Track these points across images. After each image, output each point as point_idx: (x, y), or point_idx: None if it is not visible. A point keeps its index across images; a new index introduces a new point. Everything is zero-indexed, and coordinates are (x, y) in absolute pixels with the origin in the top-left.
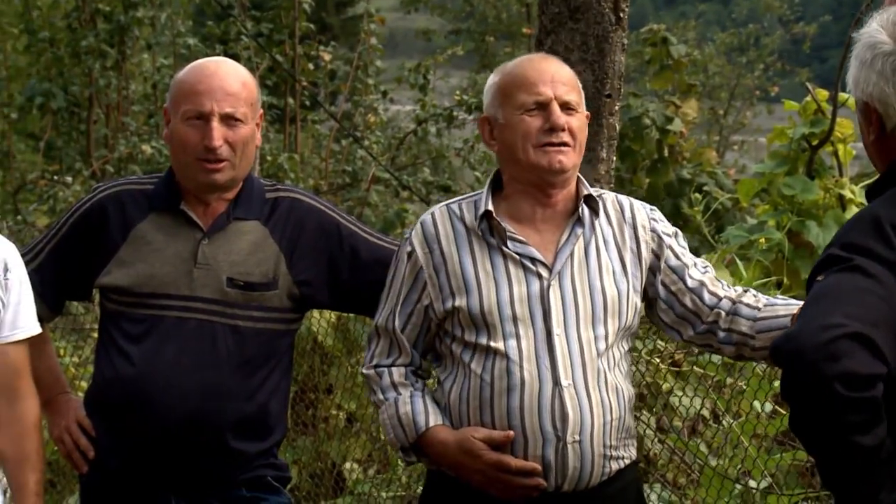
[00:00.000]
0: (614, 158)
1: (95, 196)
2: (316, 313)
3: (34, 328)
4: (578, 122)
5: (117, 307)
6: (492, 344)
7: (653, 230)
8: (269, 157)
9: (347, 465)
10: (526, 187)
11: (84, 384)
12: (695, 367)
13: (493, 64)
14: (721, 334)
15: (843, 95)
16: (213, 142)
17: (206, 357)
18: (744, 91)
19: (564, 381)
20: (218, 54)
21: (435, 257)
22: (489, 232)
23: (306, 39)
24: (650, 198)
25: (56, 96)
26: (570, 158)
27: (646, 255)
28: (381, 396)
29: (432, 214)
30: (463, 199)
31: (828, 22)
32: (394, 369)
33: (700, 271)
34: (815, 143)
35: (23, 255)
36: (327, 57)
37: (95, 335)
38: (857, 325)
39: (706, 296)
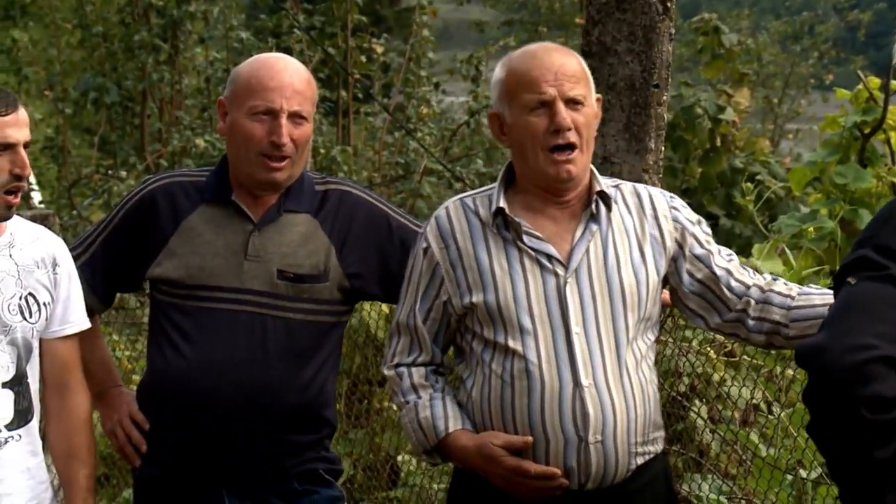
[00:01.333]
0: (662, 148)
1: (146, 188)
2: (368, 305)
3: (84, 323)
4: (585, 117)
5: (168, 299)
6: (510, 344)
7: (674, 219)
8: (321, 150)
9: (401, 457)
10: (537, 187)
11: (138, 378)
12: (746, 357)
13: None
14: (751, 323)
15: (895, 83)
16: (281, 139)
17: (256, 350)
18: (798, 79)
19: (585, 382)
20: (270, 48)
21: (451, 252)
22: (504, 226)
23: (359, 32)
24: (702, 187)
25: (110, 91)
26: (578, 164)
27: (669, 243)
28: (401, 399)
29: (446, 209)
30: (476, 193)
31: (883, 9)
32: (414, 370)
33: (725, 259)
34: (867, 131)
35: (74, 248)
36: (380, 49)
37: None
38: (889, 348)
39: (733, 283)
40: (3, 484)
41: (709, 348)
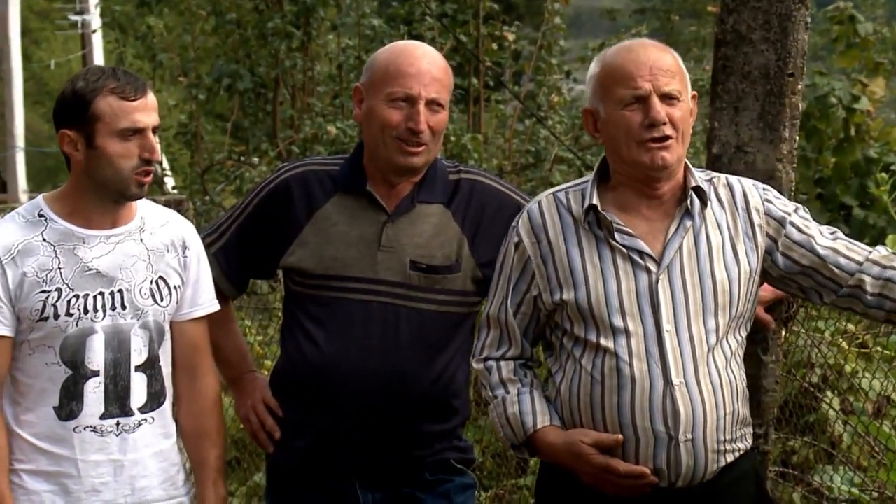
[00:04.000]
0: (797, 138)
1: (280, 176)
2: None
3: (213, 305)
4: (681, 112)
5: (302, 289)
6: (601, 342)
7: (767, 212)
8: (452, 138)
9: None
10: (631, 180)
11: (269, 363)
12: (878, 349)
13: (679, 43)
14: (869, 298)
15: None
16: (419, 125)
17: (389, 340)
18: None
19: (675, 380)
20: (403, 35)
21: (542, 248)
22: (596, 224)
23: (490, 20)
24: (836, 177)
25: (243, 77)
26: (674, 153)
27: (761, 239)
28: (490, 393)
29: (539, 203)
30: (570, 186)
31: None
32: (503, 364)
33: (829, 239)
34: None
35: (208, 234)
36: (511, 37)
37: (281, 315)
38: None
39: (842, 261)
40: (137, 466)
41: (841, 339)
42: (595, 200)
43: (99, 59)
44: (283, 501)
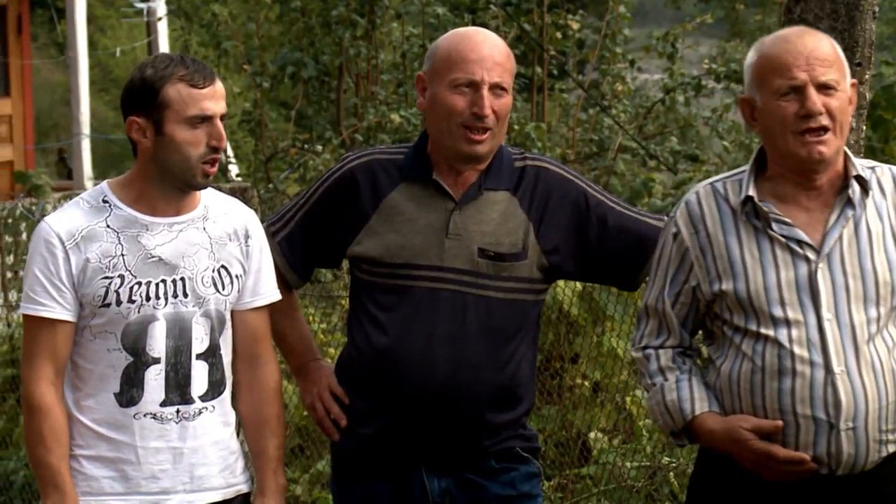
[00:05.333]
0: (864, 128)
1: (346, 165)
2: (562, 282)
3: (274, 294)
4: (839, 101)
5: (369, 277)
6: (762, 330)
7: None
8: (515, 126)
9: (592, 434)
10: (788, 171)
11: (332, 351)
12: None
13: (744, 32)
14: None
15: None
16: (484, 109)
17: (457, 328)
18: None
19: (837, 368)
20: (467, 24)
21: (700, 238)
22: (754, 214)
23: (554, 8)
24: None
25: (307, 66)
26: (831, 146)
27: None
28: (648, 381)
29: (697, 194)
30: (727, 177)
31: None
32: (661, 352)
33: None
34: None
35: (273, 223)
36: (575, 26)
37: (344, 303)
38: None
39: None
40: (196, 454)
41: None
42: (752, 192)
43: (164, 47)
44: (348, 489)
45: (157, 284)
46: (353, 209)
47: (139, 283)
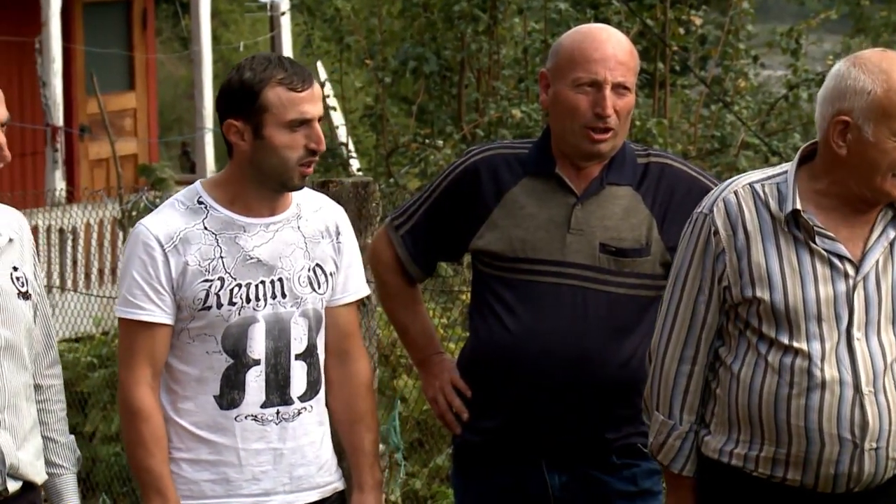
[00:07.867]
0: None
1: (469, 159)
2: None
3: (363, 290)
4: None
5: (491, 271)
6: (794, 343)
7: None
8: (637, 122)
9: None
10: (846, 198)
11: (452, 346)
12: None
13: (868, 28)
14: None
15: None
16: (606, 110)
17: (579, 323)
18: None
19: (866, 388)
20: (589, 19)
21: (738, 241)
22: (795, 224)
23: (677, 4)
24: None
25: (429, 60)
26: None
27: None
28: None
29: (735, 194)
30: (766, 178)
31: None
32: None
33: None
34: None
35: (396, 217)
36: (698, 21)
37: (463, 297)
38: None
39: None
40: (295, 454)
41: None
42: (798, 205)
43: (287, 41)
44: (470, 481)
45: (256, 286)
46: (475, 203)
47: (239, 286)
